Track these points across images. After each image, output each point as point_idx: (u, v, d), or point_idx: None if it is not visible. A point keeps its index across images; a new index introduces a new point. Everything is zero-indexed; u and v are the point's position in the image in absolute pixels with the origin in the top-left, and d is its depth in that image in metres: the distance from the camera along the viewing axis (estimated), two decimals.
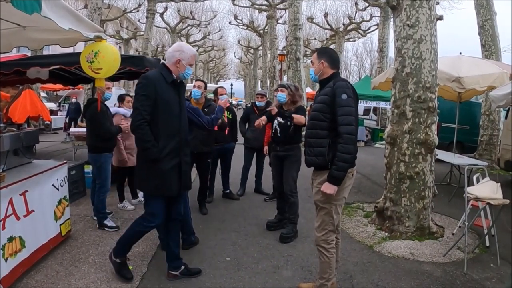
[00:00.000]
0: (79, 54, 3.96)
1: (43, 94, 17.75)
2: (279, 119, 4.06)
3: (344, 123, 2.49)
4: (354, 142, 2.51)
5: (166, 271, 3.08)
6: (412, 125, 4.16)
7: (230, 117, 5.32)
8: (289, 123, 3.99)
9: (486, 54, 9.17)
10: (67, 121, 13.81)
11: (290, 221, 4.06)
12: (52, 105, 16.38)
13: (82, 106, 13.59)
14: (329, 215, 2.65)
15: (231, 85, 45.92)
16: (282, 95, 4.10)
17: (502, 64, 6.96)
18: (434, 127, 4.20)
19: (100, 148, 4.10)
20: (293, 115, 3.94)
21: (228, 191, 5.59)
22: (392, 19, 16.05)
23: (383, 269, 3.35)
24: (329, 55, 2.74)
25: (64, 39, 3.50)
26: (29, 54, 8.92)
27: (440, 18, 4.24)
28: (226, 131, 5.19)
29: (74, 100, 14.44)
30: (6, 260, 2.71)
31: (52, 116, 13.50)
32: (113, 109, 4.78)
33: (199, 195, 4.91)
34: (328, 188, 2.53)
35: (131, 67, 5.04)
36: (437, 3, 4.20)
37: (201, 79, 5.54)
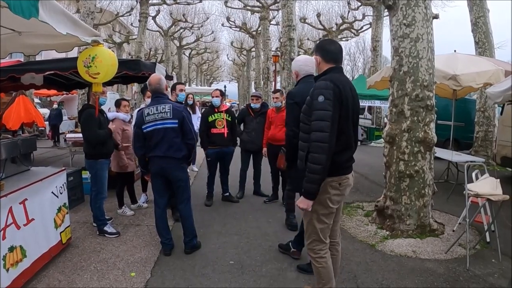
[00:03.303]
0: (74, 59, 3.92)
1: (36, 100, 17.55)
2: None
3: (315, 129, 2.20)
4: (325, 151, 2.17)
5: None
6: (410, 124, 4.17)
7: (229, 119, 5.25)
8: None
9: (480, 51, 9.23)
10: (50, 129, 13.23)
11: None
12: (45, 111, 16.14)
13: (64, 111, 13.35)
14: (311, 224, 2.45)
15: (225, 87, 45.76)
16: None
17: (496, 60, 7.03)
18: (433, 125, 4.22)
19: (96, 155, 4.03)
20: None
21: (227, 194, 5.55)
22: (385, 18, 16.18)
23: (387, 268, 3.36)
24: (322, 48, 2.47)
25: (60, 44, 3.46)
26: (22, 59, 8.83)
27: (436, 16, 4.28)
28: (225, 135, 5.17)
29: (55, 106, 14.06)
30: (7, 270, 2.66)
31: (46, 122, 13.29)
32: (112, 114, 4.72)
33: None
34: (302, 203, 2.29)
35: (127, 71, 4.99)
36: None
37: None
